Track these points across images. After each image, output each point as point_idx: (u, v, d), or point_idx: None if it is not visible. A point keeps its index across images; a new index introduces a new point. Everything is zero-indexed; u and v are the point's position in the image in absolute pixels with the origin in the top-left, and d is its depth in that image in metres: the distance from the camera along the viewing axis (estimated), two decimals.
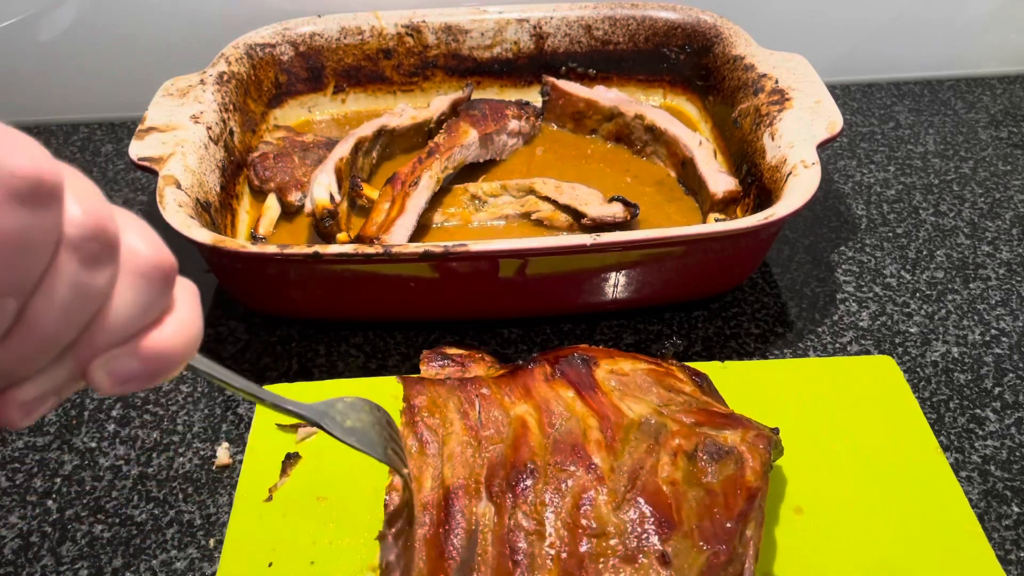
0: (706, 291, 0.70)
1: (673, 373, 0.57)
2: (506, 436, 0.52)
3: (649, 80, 0.92)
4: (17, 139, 0.22)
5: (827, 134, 0.69)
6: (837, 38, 0.99)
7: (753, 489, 0.48)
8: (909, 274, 0.75)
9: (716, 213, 0.75)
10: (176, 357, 0.28)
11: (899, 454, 0.58)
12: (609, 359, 0.57)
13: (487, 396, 0.55)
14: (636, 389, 0.55)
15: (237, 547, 0.53)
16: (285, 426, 0.60)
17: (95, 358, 0.26)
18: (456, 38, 0.90)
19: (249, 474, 0.58)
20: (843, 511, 0.54)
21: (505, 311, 0.69)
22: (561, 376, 0.55)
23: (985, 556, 0.52)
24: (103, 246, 0.25)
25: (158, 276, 0.27)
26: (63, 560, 0.54)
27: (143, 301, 0.27)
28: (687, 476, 0.49)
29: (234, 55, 0.83)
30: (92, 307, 0.25)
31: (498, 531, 0.48)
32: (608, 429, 0.51)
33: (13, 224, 0.22)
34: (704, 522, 0.47)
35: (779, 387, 0.62)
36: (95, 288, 0.25)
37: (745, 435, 0.51)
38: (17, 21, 0.91)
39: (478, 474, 0.51)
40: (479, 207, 0.77)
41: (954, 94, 0.99)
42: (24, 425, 0.26)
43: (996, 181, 0.86)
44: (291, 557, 0.52)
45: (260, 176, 0.79)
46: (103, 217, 0.25)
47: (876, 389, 0.62)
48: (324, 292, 0.65)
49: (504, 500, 0.49)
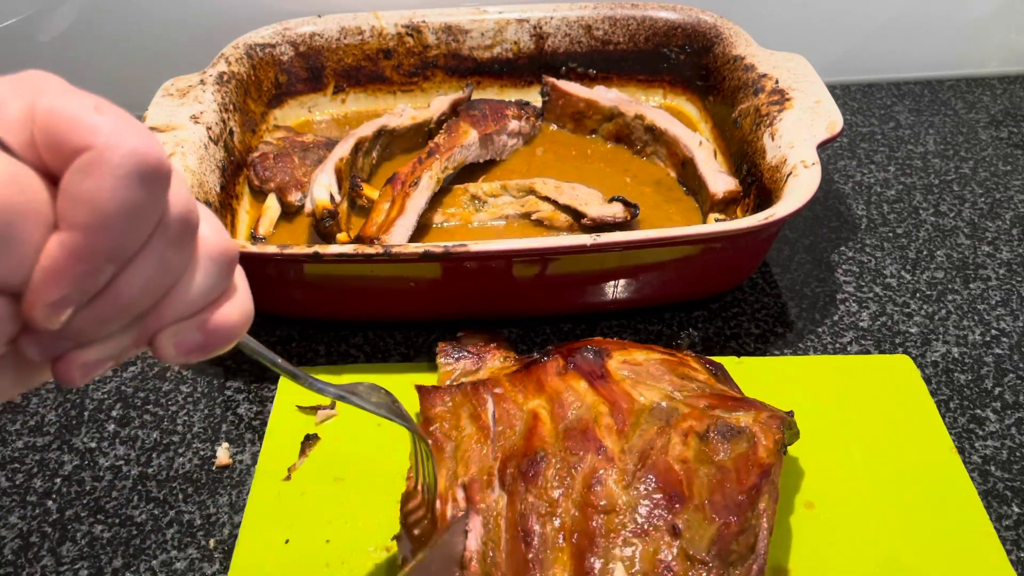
0: (706, 291, 0.70)
1: (687, 362, 0.57)
2: (519, 430, 0.53)
3: (649, 80, 0.92)
4: (141, 126, 0.25)
5: (827, 134, 0.68)
6: (837, 38, 0.99)
7: (765, 465, 0.48)
8: (909, 274, 0.75)
9: (716, 213, 0.75)
10: (234, 333, 0.31)
11: (913, 452, 0.58)
12: (622, 350, 0.57)
13: (500, 395, 0.55)
14: (648, 377, 0.55)
15: (255, 523, 0.54)
16: (305, 408, 0.61)
17: (162, 329, 0.29)
18: (456, 38, 0.90)
19: (269, 453, 0.59)
20: (855, 507, 0.54)
21: (505, 311, 0.69)
22: (574, 368, 0.55)
23: (997, 556, 0.52)
24: (188, 230, 0.28)
25: (225, 261, 0.30)
26: (63, 560, 0.54)
27: (211, 282, 0.30)
28: (698, 455, 0.49)
29: (234, 55, 0.83)
30: (169, 282, 0.28)
31: (510, 516, 0.48)
32: (619, 414, 0.51)
33: (134, 198, 0.24)
34: (715, 496, 0.47)
35: (795, 383, 0.62)
36: (176, 266, 0.28)
37: (758, 416, 0.51)
38: (17, 21, 0.91)
39: (491, 467, 0.51)
40: (479, 207, 0.77)
41: (954, 94, 0.99)
42: (79, 384, 0.28)
43: (996, 181, 0.86)
44: (307, 535, 0.53)
45: (260, 176, 0.79)
46: (191, 204, 0.28)
47: (892, 387, 0.62)
48: (324, 292, 0.65)
49: (516, 487, 0.49)
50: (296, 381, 0.39)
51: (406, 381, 0.61)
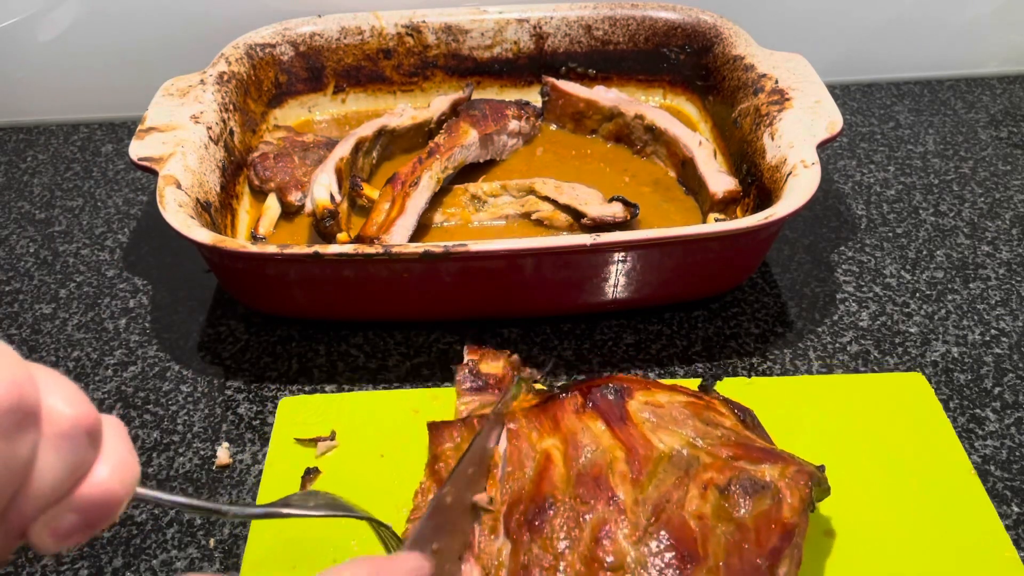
0: (706, 291, 0.70)
1: (714, 406, 0.54)
2: (529, 471, 0.50)
3: (649, 80, 0.92)
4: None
5: (827, 134, 0.69)
6: (837, 38, 0.99)
7: (789, 525, 0.45)
8: (909, 274, 0.75)
9: (716, 213, 0.75)
10: (115, 500, 0.28)
11: (932, 476, 0.56)
12: (645, 390, 0.54)
13: (514, 431, 0.53)
14: (671, 422, 0.52)
15: (257, 561, 0.53)
16: (304, 440, 0.59)
17: (31, 523, 0.26)
18: (456, 38, 0.90)
19: (268, 487, 0.57)
20: (874, 535, 0.53)
21: (505, 311, 0.69)
22: (592, 407, 0.52)
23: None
24: (23, 415, 0.24)
25: (81, 434, 0.26)
26: (63, 560, 0.54)
27: (69, 461, 0.26)
28: (717, 510, 0.46)
29: (234, 55, 0.83)
30: (16, 479, 0.24)
31: (512, 568, 0.46)
32: (635, 461, 0.49)
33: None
34: (732, 559, 0.44)
35: (807, 404, 0.61)
36: (18, 459, 0.24)
37: (785, 470, 0.47)
38: (17, 21, 0.91)
39: (497, 511, 0.49)
40: (479, 207, 0.77)
41: (954, 94, 0.99)
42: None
43: (996, 181, 0.86)
44: (312, 572, 0.51)
45: (260, 176, 0.79)
46: (21, 385, 0.24)
47: (907, 408, 0.60)
48: (324, 292, 0.65)
49: (521, 535, 0.47)
50: (216, 516, 0.37)
51: (406, 406, 0.60)
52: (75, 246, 0.81)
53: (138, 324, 0.72)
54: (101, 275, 0.77)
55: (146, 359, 0.68)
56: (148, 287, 0.76)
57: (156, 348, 0.69)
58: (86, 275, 0.77)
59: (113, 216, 0.85)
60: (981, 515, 0.54)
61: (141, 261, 0.79)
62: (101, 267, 0.78)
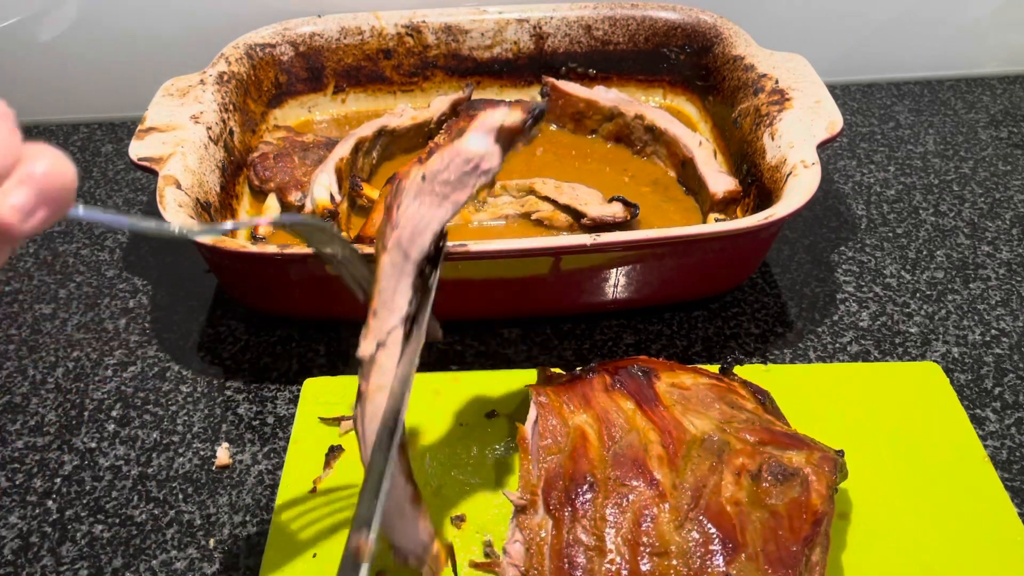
0: (706, 291, 0.70)
1: (735, 389, 0.55)
2: (564, 447, 0.51)
3: (649, 80, 0.92)
4: None
5: (827, 134, 0.69)
6: (837, 38, 0.99)
7: (819, 513, 0.46)
8: (909, 274, 0.75)
9: (716, 213, 0.75)
10: (59, 180, 0.31)
11: (945, 462, 0.56)
12: (669, 372, 0.55)
13: (544, 404, 0.53)
14: (698, 404, 0.53)
15: (282, 537, 0.53)
16: (328, 419, 0.60)
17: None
18: (456, 38, 0.90)
19: (293, 465, 0.58)
20: (888, 519, 0.53)
21: (505, 311, 0.69)
22: (621, 387, 0.53)
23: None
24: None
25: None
26: (63, 560, 0.54)
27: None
28: (751, 497, 0.47)
29: (234, 55, 0.83)
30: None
31: (556, 545, 0.46)
32: (670, 444, 0.49)
33: None
34: (769, 545, 0.45)
35: (823, 392, 0.61)
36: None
37: (811, 457, 0.49)
38: (17, 21, 0.91)
39: (534, 486, 0.49)
40: (479, 207, 0.77)
41: (954, 94, 0.99)
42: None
43: (996, 181, 0.86)
44: (336, 548, 0.52)
45: (260, 176, 0.79)
46: None
47: (922, 396, 0.61)
48: (324, 292, 0.65)
49: (562, 513, 0.47)
50: (163, 236, 0.37)
51: (427, 388, 0.60)
52: (75, 246, 0.81)
53: (138, 324, 0.72)
54: (101, 275, 0.77)
55: (146, 359, 0.68)
56: (148, 287, 0.76)
57: (156, 348, 0.69)
58: (86, 275, 0.77)
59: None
60: (994, 500, 0.54)
61: (141, 261, 0.79)
62: (101, 267, 0.78)
